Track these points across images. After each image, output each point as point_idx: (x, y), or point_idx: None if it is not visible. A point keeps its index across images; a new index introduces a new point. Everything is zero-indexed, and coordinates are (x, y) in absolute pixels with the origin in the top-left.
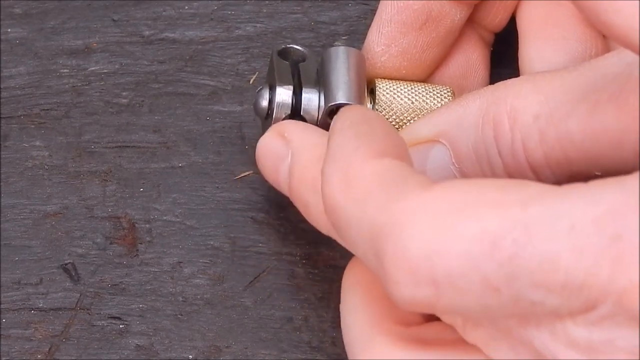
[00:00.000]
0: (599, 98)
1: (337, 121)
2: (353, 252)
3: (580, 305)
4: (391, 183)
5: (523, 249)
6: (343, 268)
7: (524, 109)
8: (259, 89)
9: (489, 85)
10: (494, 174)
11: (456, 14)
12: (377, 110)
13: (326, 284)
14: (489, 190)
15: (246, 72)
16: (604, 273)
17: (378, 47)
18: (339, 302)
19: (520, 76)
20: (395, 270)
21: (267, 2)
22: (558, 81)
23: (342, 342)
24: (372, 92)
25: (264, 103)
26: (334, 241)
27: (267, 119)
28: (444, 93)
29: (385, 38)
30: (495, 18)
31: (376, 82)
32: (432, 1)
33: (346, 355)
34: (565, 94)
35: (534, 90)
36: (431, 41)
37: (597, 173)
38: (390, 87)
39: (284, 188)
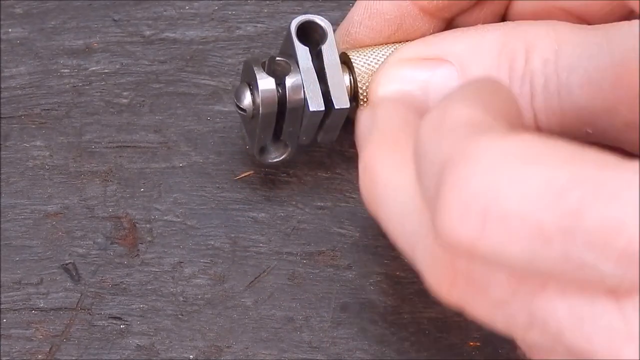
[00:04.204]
0: (602, 63)
1: (463, 83)
2: (419, 183)
3: (633, 279)
4: (478, 126)
5: (588, 207)
6: (343, 268)
7: (538, 50)
8: (236, 89)
9: (509, 22)
10: None
11: (429, 28)
12: (357, 79)
13: (326, 283)
14: (567, 147)
15: None
16: None
17: (343, 46)
18: (339, 302)
19: (545, 20)
20: (450, 197)
21: (268, 2)
22: (576, 34)
23: (342, 341)
24: (345, 63)
25: (247, 101)
26: (335, 241)
27: (253, 118)
28: None
29: (352, 39)
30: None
31: (349, 53)
32: (405, 13)
33: (346, 355)
34: (576, 47)
35: (552, 37)
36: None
37: (588, 130)
38: (364, 55)
39: None
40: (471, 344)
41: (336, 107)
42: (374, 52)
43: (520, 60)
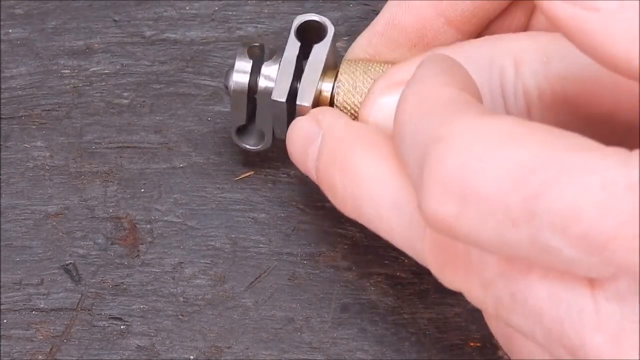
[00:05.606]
0: (595, 71)
1: (423, 61)
2: (404, 167)
3: (599, 268)
4: (456, 106)
5: (549, 190)
6: (343, 268)
7: (527, 63)
8: (228, 68)
9: (490, 36)
10: None
11: (452, 40)
12: (338, 87)
13: (327, 284)
14: (542, 129)
15: None
16: (627, 238)
17: (363, 55)
18: (339, 302)
19: (527, 32)
20: (429, 179)
21: (268, 2)
22: (563, 45)
23: (343, 342)
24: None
25: (229, 82)
26: (335, 241)
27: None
28: None
29: (373, 50)
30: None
31: (342, 63)
32: (427, 26)
33: (346, 355)
34: (564, 57)
35: (538, 49)
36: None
37: None
38: (352, 68)
39: (311, 171)
40: (471, 344)
41: (298, 103)
42: (365, 68)
43: (510, 75)
